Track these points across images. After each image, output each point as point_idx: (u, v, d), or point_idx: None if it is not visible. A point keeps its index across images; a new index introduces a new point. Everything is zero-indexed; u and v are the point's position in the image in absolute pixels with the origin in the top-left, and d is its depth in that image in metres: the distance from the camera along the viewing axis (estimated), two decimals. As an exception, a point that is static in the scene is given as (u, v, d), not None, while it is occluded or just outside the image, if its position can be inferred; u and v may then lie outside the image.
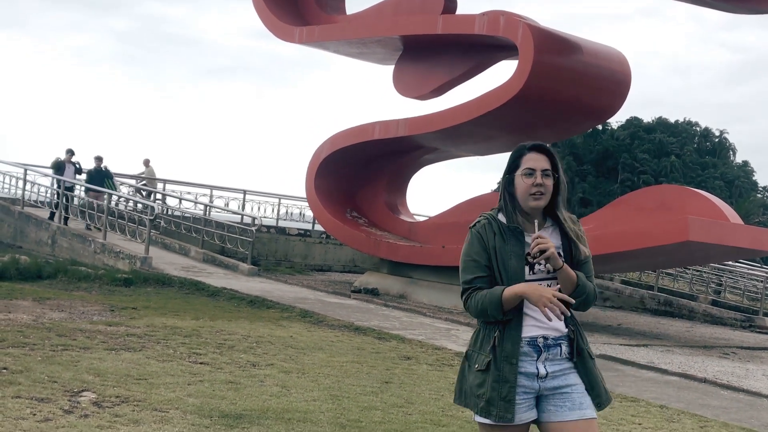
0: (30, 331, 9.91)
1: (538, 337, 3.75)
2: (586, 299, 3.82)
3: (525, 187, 3.79)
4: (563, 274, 3.75)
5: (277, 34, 22.00)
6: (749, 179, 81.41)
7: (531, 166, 3.80)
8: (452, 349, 12.37)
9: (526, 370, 3.73)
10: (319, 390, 8.19)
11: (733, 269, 28.58)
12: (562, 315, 3.66)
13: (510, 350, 3.73)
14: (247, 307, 14.71)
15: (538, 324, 3.76)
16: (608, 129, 79.05)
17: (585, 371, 3.81)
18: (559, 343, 3.78)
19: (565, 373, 3.78)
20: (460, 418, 7.69)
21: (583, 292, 3.79)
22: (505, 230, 3.81)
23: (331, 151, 21.14)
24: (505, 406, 3.70)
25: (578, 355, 3.80)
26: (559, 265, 3.72)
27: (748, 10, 17.55)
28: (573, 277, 3.77)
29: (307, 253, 27.56)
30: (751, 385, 12.01)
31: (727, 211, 17.01)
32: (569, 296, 3.73)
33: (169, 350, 9.58)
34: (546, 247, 3.66)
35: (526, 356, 3.74)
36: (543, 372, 3.74)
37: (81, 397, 6.94)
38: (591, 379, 3.81)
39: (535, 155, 3.83)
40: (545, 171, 3.80)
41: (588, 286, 3.82)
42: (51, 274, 16.52)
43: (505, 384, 3.71)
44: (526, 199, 3.80)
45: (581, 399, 3.76)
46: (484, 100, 18.02)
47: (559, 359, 3.78)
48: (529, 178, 3.79)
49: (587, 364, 3.82)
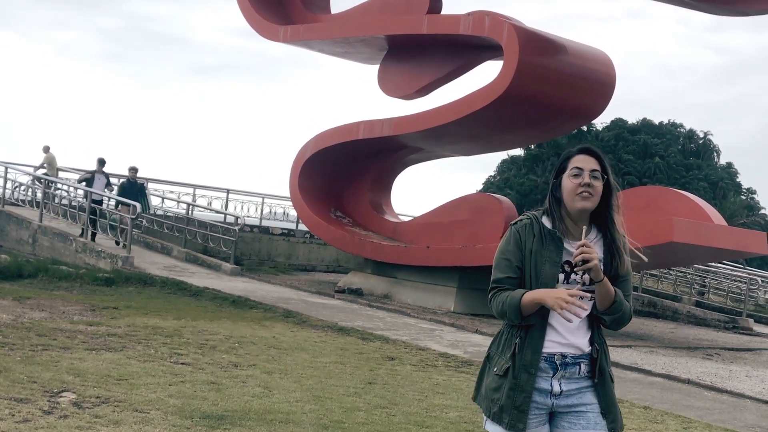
0: (9, 331, 9.80)
1: (556, 354, 3.62)
2: (621, 318, 3.67)
3: (572, 187, 3.64)
4: (602, 288, 3.58)
5: (262, 33, 21.92)
6: (733, 181, 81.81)
7: (579, 165, 3.66)
8: (436, 349, 12.33)
9: (540, 386, 3.61)
10: (301, 391, 8.13)
11: (716, 270, 28.68)
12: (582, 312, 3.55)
13: (530, 359, 3.61)
14: (230, 307, 14.63)
15: (560, 340, 3.63)
16: (593, 130, 79.31)
17: (603, 393, 3.67)
18: (578, 362, 3.64)
19: (581, 392, 3.65)
20: (444, 419, 7.65)
21: (618, 310, 3.63)
22: (546, 234, 3.66)
23: (316, 151, 21.07)
24: (518, 415, 3.59)
25: (600, 376, 3.66)
26: (600, 277, 3.55)
27: (733, 12, 17.61)
28: (611, 292, 3.60)
29: (291, 252, 27.46)
30: (735, 386, 12.03)
31: (711, 212, 17.06)
32: (605, 312, 3.63)
33: (150, 350, 9.50)
34: (590, 257, 3.49)
35: (542, 372, 3.62)
36: (557, 389, 3.62)
37: (61, 398, 6.85)
38: (608, 402, 3.67)
39: (583, 157, 3.70)
40: (594, 171, 3.65)
41: (625, 305, 3.66)
42: (31, 273, 16.38)
43: (521, 393, 3.60)
44: (573, 199, 3.64)
45: (596, 419, 3.63)
46: (469, 100, 18.00)
47: (576, 378, 3.65)
48: (576, 178, 3.64)
49: (606, 387, 3.68)
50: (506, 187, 73.60)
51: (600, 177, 3.67)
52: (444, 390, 9.08)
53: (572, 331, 3.65)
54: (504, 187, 72.82)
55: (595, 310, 3.67)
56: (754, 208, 73.87)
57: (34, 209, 24.14)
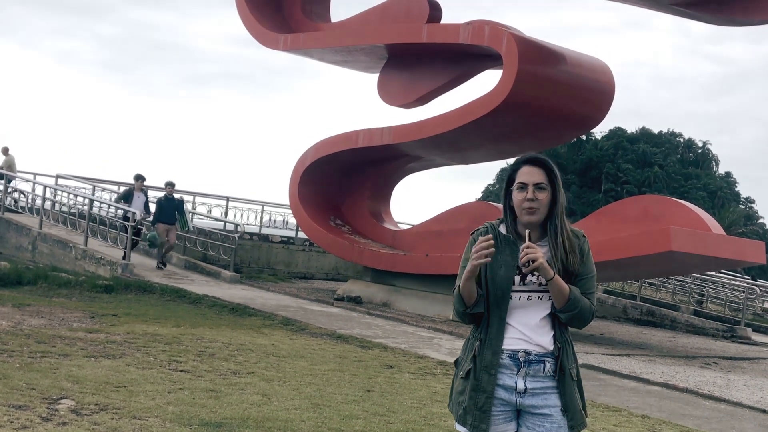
0: (9, 338, 9.81)
1: (520, 351, 3.71)
2: (579, 314, 3.72)
3: (518, 202, 3.76)
4: (554, 286, 3.67)
5: (262, 41, 21.97)
6: (732, 190, 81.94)
7: (523, 180, 3.75)
8: (435, 357, 12.34)
9: (504, 383, 3.71)
10: (300, 398, 8.14)
11: (715, 279, 28.69)
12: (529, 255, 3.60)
13: (489, 360, 3.71)
14: (229, 315, 14.64)
15: (522, 338, 3.72)
16: (592, 139, 79.46)
17: (564, 391, 3.73)
18: (542, 360, 3.72)
19: (546, 392, 3.72)
20: (442, 427, 7.66)
21: (574, 307, 3.70)
22: (502, 239, 3.78)
23: (315, 159, 21.11)
24: (481, 416, 3.69)
25: (560, 373, 3.73)
26: (550, 275, 3.64)
27: (733, 22, 17.66)
28: (565, 289, 3.68)
29: (290, 260, 27.47)
30: (733, 395, 12.04)
31: (710, 221, 17.08)
32: (561, 310, 3.70)
33: (149, 358, 9.51)
34: (535, 257, 3.59)
35: (506, 368, 3.71)
36: (521, 387, 3.70)
37: (59, 405, 6.87)
38: (567, 400, 3.73)
39: (529, 168, 3.77)
40: (538, 185, 3.73)
41: (582, 301, 3.72)
42: (31, 281, 16.38)
43: (482, 394, 3.70)
44: (521, 214, 3.76)
45: (561, 422, 3.70)
46: (468, 109, 18.03)
47: (541, 376, 3.72)
48: (521, 192, 3.74)
49: (566, 384, 3.74)
50: (505, 195, 73.57)
51: (546, 187, 3.75)
52: (442, 398, 9.09)
53: (533, 329, 3.74)
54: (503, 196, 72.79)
55: (554, 309, 3.75)
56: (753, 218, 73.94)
57: (33, 216, 24.16)
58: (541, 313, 3.75)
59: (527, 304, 3.75)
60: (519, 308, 3.75)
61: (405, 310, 18.94)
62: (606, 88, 18.85)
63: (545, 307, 3.75)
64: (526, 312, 3.75)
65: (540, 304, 3.75)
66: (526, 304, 3.75)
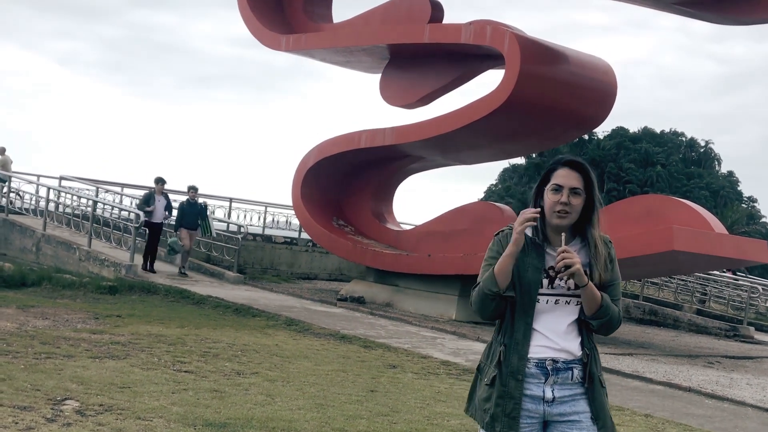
0: (13, 339, 9.85)
1: (547, 360, 3.62)
2: (608, 323, 3.66)
3: (551, 204, 3.66)
4: (587, 292, 3.59)
5: (264, 42, 21.99)
6: (734, 189, 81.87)
7: (559, 182, 3.66)
8: (438, 357, 12.36)
9: (532, 393, 3.61)
10: (304, 398, 8.16)
11: (717, 279, 28.70)
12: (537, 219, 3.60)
13: (516, 366, 3.62)
14: (233, 315, 14.67)
15: (550, 345, 3.64)
16: (594, 139, 79.45)
17: (593, 398, 3.66)
18: (570, 367, 3.64)
19: (575, 399, 3.64)
20: (446, 426, 7.68)
21: (605, 314, 3.64)
22: (528, 242, 3.68)
23: (318, 160, 21.13)
24: (509, 422, 3.59)
25: (590, 382, 3.65)
26: (584, 281, 3.56)
27: (734, 21, 17.66)
28: (597, 296, 3.61)
29: (293, 261, 27.49)
30: (736, 394, 12.05)
31: (712, 220, 17.08)
32: (592, 317, 3.64)
33: (153, 358, 9.54)
34: (572, 263, 3.51)
35: (533, 378, 3.62)
36: (549, 396, 3.61)
37: (64, 406, 6.90)
38: (597, 407, 3.66)
39: (566, 171, 3.68)
40: (574, 189, 3.64)
41: (612, 309, 3.65)
42: (35, 282, 16.41)
43: (510, 400, 3.60)
44: (551, 215, 3.67)
45: (589, 428, 3.63)
46: (470, 109, 18.05)
47: (569, 384, 3.64)
48: (555, 194, 3.65)
49: (595, 391, 3.67)
50: (507, 195, 73.67)
51: (581, 193, 3.67)
52: (446, 398, 9.12)
53: (561, 334, 3.66)
54: (505, 196, 72.88)
55: (583, 315, 3.68)
56: (755, 217, 73.90)
57: (37, 218, 24.21)
58: (569, 318, 3.68)
59: (554, 308, 3.67)
60: (546, 312, 3.67)
61: (408, 311, 18.96)
62: (608, 88, 18.85)
63: (573, 312, 3.68)
64: (553, 316, 3.67)
65: (567, 308, 3.68)
66: (553, 308, 3.67)
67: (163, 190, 20.33)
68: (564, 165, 3.71)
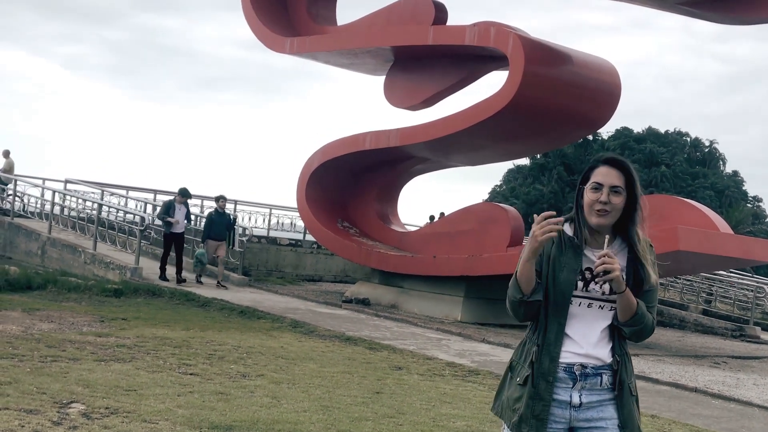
0: (19, 342, 9.86)
1: (576, 365, 3.55)
2: (642, 330, 3.59)
3: (590, 202, 3.57)
4: (624, 299, 3.51)
5: (268, 45, 22.02)
6: (739, 189, 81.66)
7: (599, 180, 3.57)
8: (443, 359, 12.35)
9: (559, 397, 3.54)
10: (309, 401, 8.16)
11: (723, 279, 28.64)
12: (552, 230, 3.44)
13: (547, 367, 3.55)
14: (238, 318, 14.68)
15: (579, 351, 3.57)
16: (599, 139, 79.31)
17: (622, 406, 3.57)
18: (599, 373, 3.56)
19: (603, 405, 3.57)
20: (451, 428, 7.68)
21: (640, 322, 3.56)
22: (566, 241, 3.61)
23: (323, 162, 21.15)
24: (537, 424, 3.52)
25: (619, 388, 3.57)
26: (622, 289, 3.47)
27: (737, 20, 17.65)
28: (633, 304, 3.52)
29: (298, 263, 27.51)
30: (742, 395, 12.03)
31: (717, 220, 17.06)
32: (625, 324, 3.57)
33: (158, 361, 9.54)
34: (612, 268, 3.41)
35: (561, 382, 3.55)
36: (577, 401, 3.54)
37: (70, 409, 6.90)
38: (625, 415, 3.57)
39: (606, 169, 3.59)
40: (615, 188, 3.56)
41: (647, 317, 3.58)
42: (41, 285, 16.45)
43: (539, 402, 3.53)
44: (590, 214, 3.58)
45: None
46: (474, 110, 18.05)
47: (598, 389, 3.56)
48: (595, 193, 3.56)
49: (624, 399, 3.58)
50: (512, 196, 73.61)
51: (621, 192, 3.58)
52: (451, 399, 9.11)
53: (592, 341, 3.58)
54: (510, 197, 72.82)
55: (616, 321, 3.60)
56: (761, 216, 73.74)
57: (43, 221, 24.25)
58: (602, 323, 3.60)
59: (587, 312, 3.59)
60: (578, 316, 3.58)
61: (413, 312, 18.95)
62: (612, 89, 18.84)
63: (606, 317, 3.59)
64: (585, 321, 3.59)
65: (600, 313, 3.59)
66: (585, 312, 3.59)
67: (185, 201, 19.63)
68: (604, 163, 3.64)
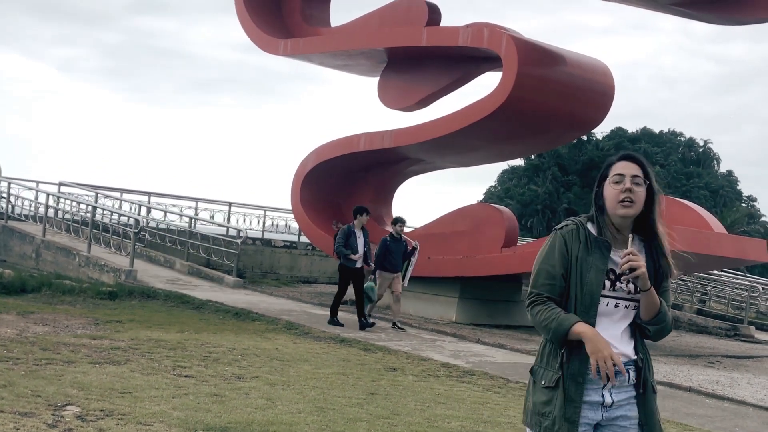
0: (13, 345, 9.85)
1: None
2: (662, 329, 3.64)
3: (614, 194, 3.60)
4: (648, 298, 3.55)
5: (262, 47, 22.02)
6: (734, 189, 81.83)
7: (620, 171, 3.63)
8: (438, 359, 12.36)
9: (590, 399, 3.54)
10: (304, 402, 8.17)
11: (717, 278, 28.71)
12: (607, 380, 3.47)
13: (577, 369, 3.54)
14: (233, 320, 14.67)
15: None
16: (593, 139, 79.41)
17: (644, 404, 3.61)
18: (627, 369, 3.59)
19: (630, 403, 3.59)
20: (446, 429, 7.69)
21: (663, 321, 3.61)
22: (592, 241, 3.62)
23: (317, 163, 21.15)
24: (569, 427, 3.50)
25: (643, 386, 3.61)
26: (648, 286, 3.52)
27: (732, 21, 17.69)
28: (657, 302, 3.57)
29: (293, 264, 27.52)
30: (736, 394, 12.06)
31: (711, 220, 17.11)
32: (649, 322, 3.60)
33: (153, 363, 9.54)
34: (638, 265, 3.47)
35: (592, 383, 3.54)
36: (609, 400, 3.55)
37: (65, 412, 6.90)
38: (647, 414, 3.60)
39: (624, 163, 3.66)
40: (635, 178, 3.61)
41: (668, 315, 3.63)
42: (35, 288, 16.42)
43: (570, 404, 3.51)
44: (615, 207, 3.60)
45: None
46: (468, 111, 18.07)
47: (626, 386, 3.59)
48: (617, 185, 3.61)
49: (648, 398, 3.62)
50: (507, 197, 73.66)
51: (642, 183, 3.63)
52: (446, 400, 9.13)
53: (618, 339, 3.61)
54: (505, 198, 72.88)
55: (639, 320, 3.63)
56: (755, 216, 73.91)
57: (37, 224, 24.22)
58: (626, 322, 3.64)
59: (614, 311, 3.61)
60: (605, 316, 3.59)
61: (408, 313, 18.95)
62: (606, 89, 18.88)
63: (629, 316, 3.63)
64: (611, 320, 3.61)
65: (626, 313, 3.62)
66: (612, 312, 3.61)
67: (364, 223, 15.91)
68: (621, 159, 3.71)
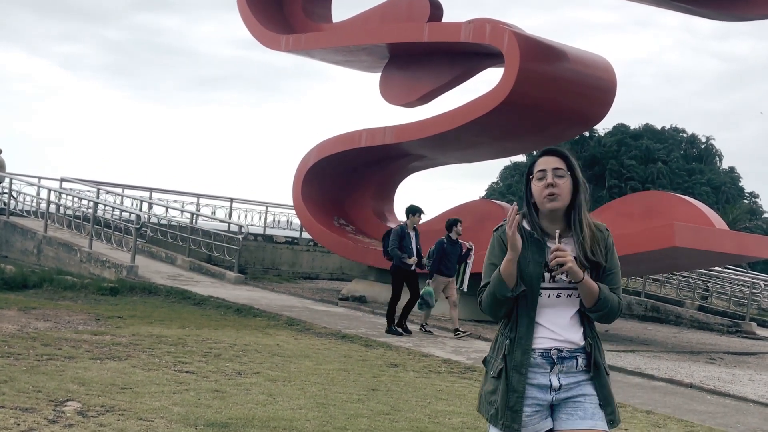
0: (15, 341, 9.86)
1: (552, 349, 3.68)
2: (609, 312, 3.72)
3: (539, 190, 3.72)
4: (584, 287, 3.65)
5: (263, 42, 22.00)
6: (736, 185, 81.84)
7: (542, 167, 3.74)
8: (439, 356, 12.36)
9: (539, 382, 3.68)
10: (305, 398, 8.17)
11: (719, 275, 28.69)
12: None
13: (519, 360, 3.68)
14: (234, 316, 14.67)
15: (552, 336, 3.70)
16: (595, 136, 79.41)
17: (600, 385, 3.75)
18: (575, 356, 3.71)
19: (579, 384, 3.71)
20: (447, 425, 7.69)
21: (604, 306, 3.69)
22: (527, 236, 3.73)
23: (318, 159, 21.14)
24: (512, 416, 3.65)
25: (595, 369, 3.74)
26: (580, 277, 3.62)
27: (734, 17, 17.67)
28: (595, 289, 3.66)
29: (295, 260, 27.52)
30: (737, 390, 12.05)
31: (713, 217, 17.09)
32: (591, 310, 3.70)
33: (154, 359, 9.54)
34: (564, 261, 3.57)
35: (539, 368, 3.68)
36: (556, 384, 3.68)
37: (66, 407, 6.90)
38: (606, 394, 3.75)
39: (546, 158, 3.77)
40: (557, 170, 3.71)
41: (611, 298, 3.71)
42: (36, 284, 16.42)
43: (513, 393, 3.66)
44: (543, 202, 3.71)
45: (594, 410, 3.70)
46: (470, 107, 18.06)
47: (574, 372, 3.71)
48: (541, 180, 3.71)
49: (602, 379, 3.76)
50: (509, 193, 73.65)
51: (565, 175, 3.73)
52: (447, 396, 9.12)
53: (564, 327, 3.72)
54: (507, 194, 72.86)
55: (583, 308, 3.73)
56: (757, 213, 73.84)
57: (38, 220, 24.23)
58: (571, 311, 3.74)
59: (557, 302, 3.72)
60: (548, 306, 3.71)
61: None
62: (608, 85, 18.86)
63: (574, 304, 3.73)
64: (555, 310, 3.72)
65: (569, 301, 3.72)
66: (555, 302, 3.72)
67: (415, 225, 15.19)
68: (543, 154, 3.82)
